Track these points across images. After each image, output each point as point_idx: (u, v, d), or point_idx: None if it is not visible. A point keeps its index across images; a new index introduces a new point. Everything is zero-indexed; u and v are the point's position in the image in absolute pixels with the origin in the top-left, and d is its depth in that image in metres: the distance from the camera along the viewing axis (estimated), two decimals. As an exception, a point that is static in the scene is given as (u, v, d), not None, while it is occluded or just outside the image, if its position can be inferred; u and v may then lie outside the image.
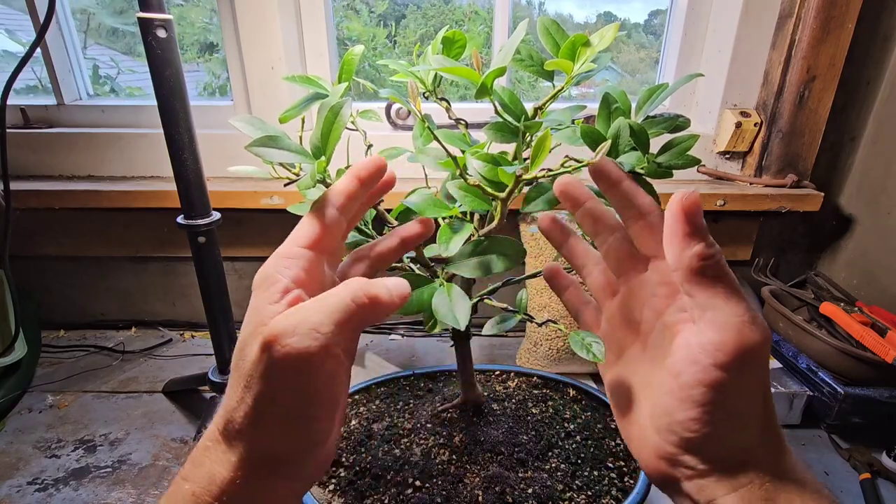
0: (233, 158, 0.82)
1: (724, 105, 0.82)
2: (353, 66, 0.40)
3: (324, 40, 0.82)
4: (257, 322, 0.24)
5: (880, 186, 0.78)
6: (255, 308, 0.25)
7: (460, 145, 0.38)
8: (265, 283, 0.26)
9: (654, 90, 0.34)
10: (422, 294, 0.35)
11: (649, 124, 0.33)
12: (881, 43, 0.76)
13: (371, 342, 0.86)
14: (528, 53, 0.36)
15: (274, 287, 0.25)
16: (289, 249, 0.27)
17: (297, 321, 0.23)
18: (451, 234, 0.34)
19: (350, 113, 0.32)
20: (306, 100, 0.40)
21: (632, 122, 0.31)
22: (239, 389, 0.25)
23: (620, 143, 0.31)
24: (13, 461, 0.59)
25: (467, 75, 0.33)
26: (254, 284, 0.26)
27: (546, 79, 0.36)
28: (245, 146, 0.30)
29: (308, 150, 0.32)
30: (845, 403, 0.61)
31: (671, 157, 0.32)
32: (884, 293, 0.76)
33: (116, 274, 0.87)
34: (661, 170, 0.32)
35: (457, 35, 0.38)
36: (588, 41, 0.31)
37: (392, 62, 0.38)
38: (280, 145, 0.31)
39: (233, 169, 0.36)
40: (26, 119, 0.84)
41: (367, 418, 0.51)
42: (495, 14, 0.83)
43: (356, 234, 0.42)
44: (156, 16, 0.44)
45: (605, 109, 0.33)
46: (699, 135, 0.33)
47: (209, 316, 0.57)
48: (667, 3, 0.86)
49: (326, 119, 0.32)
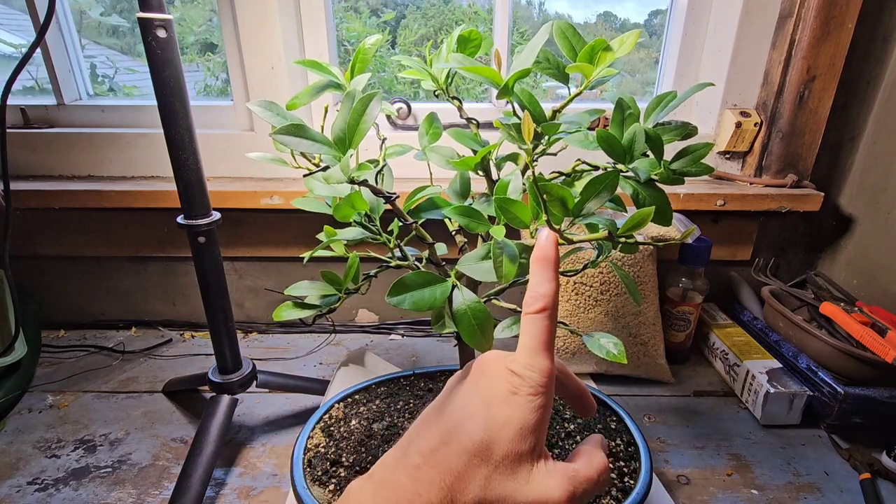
0: (233, 158, 0.83)
1: (724, 105, 0.82)
2: (369, 58, 0.39)
3: (324, 40, 0.82)
4: (530, 443, 0.26)
5: (880, 186, 0.78)
6: (525, 424, 0.26)
7: (472, 145, 0.38)
8: (535, 403, 0.27)
9: (663, 97, 0.34)
10: (434, 292, 0.35)
11: (661, 131, 0.33)
12: (881, 43, 0.76)
13: (371, 342, 0.86)
14: (544, 56, 0.36)
15: (542, 413, 0.27)
16: (549, 368, 0.28)
17: (570, 492, 0.26)
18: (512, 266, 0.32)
19: (380, 107, 0.31)
20: (318, 87, 0.40)
21: (647, 129, 0.31)
22: (475, 486, 0.25)
23: (635, 148, 0.31)
24: (13, 461, 0.59)
25: (489, 75, 0.33)
26: (519, 392, 0.27)
27: (562, 82, 0.36)
28: (270, 133, 0.30)
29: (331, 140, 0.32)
30: (845, 403, 0.61)
31: (685, 164, 0.32)
32: (884, 293, 0.76)
33: (116, 274, 0.87)
34: (674, 176, 0.32)
35: (472, 34, 0.38)
36: (609, 46, 0.31)
37: (404, 58, 0.38)
38: (306, 135, 0.30)
39: (251, 155, 0.35)
40: (26, 119, 0.84)
41: (367, 418, 0.51)
42: (495, 14, 0.83)
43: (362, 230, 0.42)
44: (156, 16, 0.44)
45: (619, 115, 0.33)
46: (712, 143, 0.33)
47: (209, 316, 0.57)
48: (666, 3, 0.86)
49: (354, 110, 0.31)
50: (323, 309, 0.42)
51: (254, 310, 0.91)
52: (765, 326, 0.77)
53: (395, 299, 0.34)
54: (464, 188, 0.44)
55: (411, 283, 0.34)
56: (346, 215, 0.38)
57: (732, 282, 0.88)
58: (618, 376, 0.74)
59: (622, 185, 0.33)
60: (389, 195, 0.37)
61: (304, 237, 0.83)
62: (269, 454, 0.61)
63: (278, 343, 0.85)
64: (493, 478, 0.25)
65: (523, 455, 0.26)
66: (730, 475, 0.58)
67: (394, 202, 0.36)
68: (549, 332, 0.28)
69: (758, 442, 0.63)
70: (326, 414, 0.52)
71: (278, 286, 0.89)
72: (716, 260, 0.85)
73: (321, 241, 0.44)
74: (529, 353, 0.28)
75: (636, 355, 0.72)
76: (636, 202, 0.33)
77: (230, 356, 0.59)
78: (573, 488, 0.26)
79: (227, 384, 0.59)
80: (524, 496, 0.25)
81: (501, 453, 0.26)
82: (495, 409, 0.27)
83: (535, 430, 0.26)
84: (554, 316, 0.29)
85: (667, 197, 0.33)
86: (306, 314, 0.42)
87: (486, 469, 0.25)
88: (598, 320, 0.71)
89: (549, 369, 0.27)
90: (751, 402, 0.68)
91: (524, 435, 0.26)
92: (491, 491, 0.25)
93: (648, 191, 0.32)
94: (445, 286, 0.35)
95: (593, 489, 0.28)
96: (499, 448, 0.26)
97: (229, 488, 0.56)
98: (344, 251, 0.45)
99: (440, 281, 0.35)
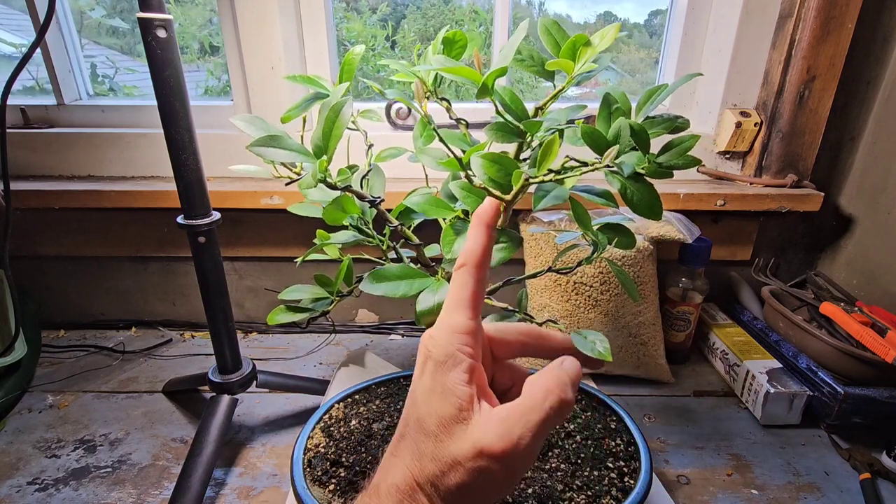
0: (233, 158, 0.83)
1: (724, 105, 0.82)
2: (354, 66, 0.40)
3: (324, 40, 0.82)
4: (453, 403, 0.26)
5: (880, 186, 0.78)
6: (445, 387, 0.27)
7: (461, 145, 0.38)
8: (450, 361, 0.27)
9: (653, 91, 0.34)
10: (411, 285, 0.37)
11: (649, 125, 0.33)
12: (881, 43, 0.76)
13: (371, 342, 0.86)
14: (528, 54, 0.36)
15: (460, 367, 0.27)
16: (461, 323, 0.28)
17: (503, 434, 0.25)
18: (454, 236, 0.34)
19: (351, 113, 0.32)
20: (307, 100, 0.41)
21: (632, 122, 0.31)
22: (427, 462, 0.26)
23: (621, 142, 0.31)
24: (13, 461, 0.59)
25: (469, 75, 0.33)
26: (432, 357, 0.27)
27: (547, 79, 0.36)
28: (246, 146, 0.30)
29: (309, 149, 0.32)
30: (845, 403, 0.61)
31: (672, 157, 0.32)
32: (884, 293, 0.76)
33: (116, 274, 0.87)
34: (661, 170, 0.32)
35: (457, 35, 0.38)
36: (589, 41, 0.31)
37: (393, 62, 0.38)
38: (281, 145, 0.31)
39: (234, 168, 0.36)
40: (26, 119, 0.84)
41: (367, 418, 0.51)
42: (495, 14, 0.83)
43: (356, 233, 0.42)
44: (156, 16, 0.44)
45: (605, 109, 0.33)
46: (700, 135, 0.33)
47: (209, 316, 0.57)
48: (666, 3, 0.86)
49: (328, 119, 0.32)
50: (316, 312, 0.43)
51: (254, 310, 0.91)
52: (765, 326, 0.77)
53: (369, 286, 0.36)
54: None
55: (389, 274, 0.36)
56: (337, 219, 0.39)
57: (732, 282, 0.88)
58: (618, 376, 0.74)
59: (609, 180, 0.33)
60: (374, 199, 0.37)
61: (303, 237, 0.83)
62: (269, 454, 0.61)
63: (278, 343, 0.86)
64: (437, 448, 0.26)
65: (452, 416, 0.26)
66: (730, 475, 0.58)
67: (378, 206, 0.37)
68: (469, 288, 0.28)
69: (758, 442, 0.63)
70: (326, 414, 0.52)
71: (278, 286, 0.89)
72: (716, 260, 0.85)
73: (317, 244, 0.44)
74: (445, 311, 0.28)
75: (636, 355, 0.72)
76: (624, 197, 0.33)
77: (230, 356, 0.59)
78: (507, 428, 0.25)
79: (227, 384, 0.59)
80: (464, 454, 0.25)
81: (434, 423, 0.26)
82: (421, 382, 0.28)
83: (456, 386, 0.26)
84: (476, 271, 0.29)
85: (656, 191, 0.33)
86: (299, 318, 0.42)
87: (429, 442, 0.26)
88: (598, 320, 0.71)
89: (462, 324, 0.27)
90: (751, 402, 0.68)
91: (447, 396, 0.26)
92: (440, 461, 0.26)
93: (636, 185, 0.33)
94: (424, 282, 0.36)
95: (541, 419, 0.26)
96: (430, 419, 0.26)
97: (229, 488, 0.56)
98: (338, 254, 0.45)
99: (421, 277, 0.36)
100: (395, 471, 0.27)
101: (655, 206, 0.33)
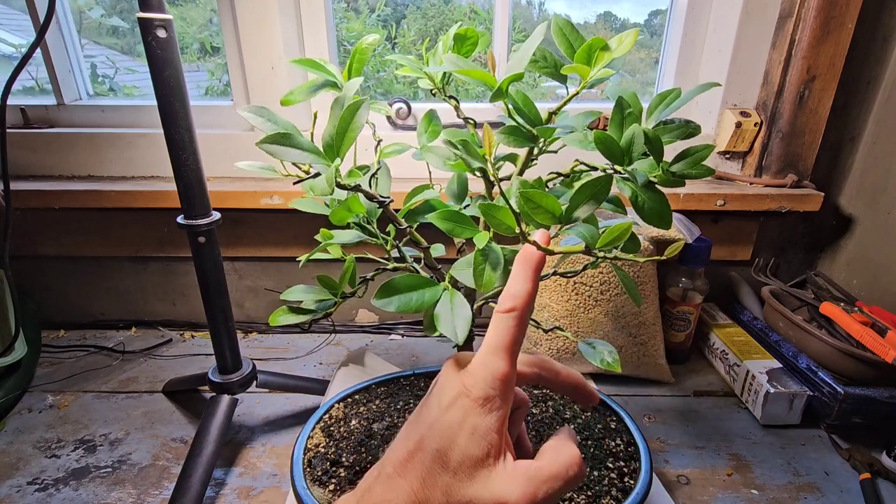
0: (233, 158, 0.83)
1: (724, 105, 0.82)
2: (366, 58, 0.39)
3: (324, 41, 0.82)
4: (482, 448, 0.26)
5: (880, 186, 0.78)
6: (478, 430, 0.26)
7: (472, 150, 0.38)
8: (488, 406, 0.27)
9: (665, 95, 0.33)
10: (423, 296, 0.34)
11: (662, 130, 0.32)
12: (881, 43, 0.76)
13: (371, 342, 0.86)
14: (542, 55, 0.35)
15: (495, 414, 0.27)
16: (502, 369, 0.27)
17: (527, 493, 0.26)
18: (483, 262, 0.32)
19: (367, 114, 0.31)
20: (314, 85, 0.39)
21: (646, 129, 0.30)
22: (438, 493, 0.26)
23: (634, 150, 0.30)
24: (13, 461, 0.59)
25: (483, 78, 0.32)
26: (470, 396, 0.27)
27: (559, 81, 0.36)
28: (256, 143, 0.29)
29: (320, 147, 0.31)
30: (845, 403, 0.61)
31: (685, 166, 0.31)
32: (884, 293, 0.76)
33: (116, 274, 0.87)
34: (674, 179, 0.31)
35: (469, 32, 0.37)
36: (606, 45, 0.30)
37: (400, 57, 0.37)
38: (293, 143, 0.30)
39: (241, 164, 0.35)
40: (26, 119, 0.84)
41: (367, 418, 0.51)
42: (495, 14, 0.83)
43: (360, 233, 0.42)
44: (156, 16, 0.44)
45: (618, 114, 0.32)
46: (714, 145, 0.32)
47: (209, 316, 0.57)
48: (666, 3, 0.86)
49: (342, 118, 0.31)
50: (319, 314, 0.42)
51: (254, 310, 0.91)
52: (765, 326, 0.77)
53: (382, 301, 0.33)
54: (461, 189, 0.44)
55: (400, 286, 0.34)
56: (343, 219, 0.38)
57: (732, 282, 0.88)
58: (618, 376, 0.74)
59: (621, 186, 0.32)
60: (383, 200, 0.37)
61: (304, 237, 0.83)
62: (269, 454, 0.61)
63: (278, 343, 0.86)
64: (453, 484, 0.26)
65: (479, 459, 0.26)
66: (730, 475, 0.58)
67: (387, 207, 0.36)
68: (513, 334, 0.28)
69: (758, 442, 0.63)
70: (326, 414, 0.52)
71: (278, 286, 0.89)
72: (716, 260, 0.85)
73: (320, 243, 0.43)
74: (488, 351, 0.28)
75: (636, 355, 0.72)
76: (634, 205, 0.32)
77: (230, 356, 0.59)
78: (534, 489, 0.26)
79: (227, 384, 0.59)
80: (481, 499, 0.25)
81: (457, 459, 0.26)
82: (449, 414, 0.27)
83: (488, 432, 0.26)
84: (522, 318, 0.28)
85: (666, 199, 0.32)
86: (302, 320, 0.42)
87: (446, 476, 0.26)
88: (598, 320, 0.71)
89: (504, 372, 0.27)
90: (751, 402, 0.68)
91: (476, 439, 0.26)
92: (453, 497, 0.26)
93: (647, 193, 0.32)
94: (435, 290, 0.34)
95: (562, 486, 0.27)
96: (453, 454, 0.26)
97: (229, 488, 0.56)
98: (341, 254, 0.45)
99: (431, 285, 0.35)
100: (398, 491, 0.26)
101: (665, 215, 0.32)
